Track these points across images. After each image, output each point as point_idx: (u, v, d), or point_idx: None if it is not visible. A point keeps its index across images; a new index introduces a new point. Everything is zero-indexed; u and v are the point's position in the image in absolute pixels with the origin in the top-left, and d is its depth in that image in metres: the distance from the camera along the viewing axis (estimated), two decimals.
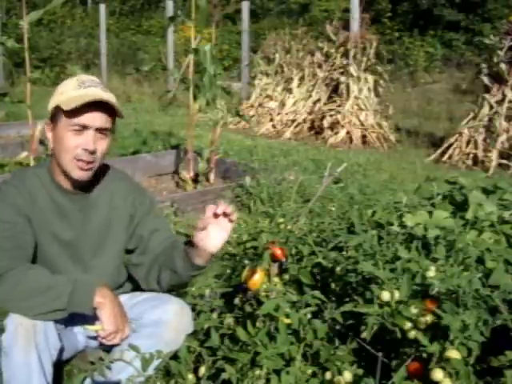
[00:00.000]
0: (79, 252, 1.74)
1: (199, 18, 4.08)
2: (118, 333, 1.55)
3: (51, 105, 1.66)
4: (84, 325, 1.63)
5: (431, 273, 1.43)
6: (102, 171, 1.77)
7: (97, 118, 1.61)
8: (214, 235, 1.55)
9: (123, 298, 1.81)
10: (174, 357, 1.64)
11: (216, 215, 1.52)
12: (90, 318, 1.64)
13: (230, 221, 1.54)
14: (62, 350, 1.66)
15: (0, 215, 1.63)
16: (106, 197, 1.77)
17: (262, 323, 1.65)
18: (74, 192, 1.71)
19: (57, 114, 1.63)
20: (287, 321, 1.63)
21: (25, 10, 3.89)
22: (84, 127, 1.60)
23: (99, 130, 1.62)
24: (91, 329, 1.56)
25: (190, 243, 1.63)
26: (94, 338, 1.62)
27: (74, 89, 1.63)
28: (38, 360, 1.48)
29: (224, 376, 1.51)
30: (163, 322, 1.68)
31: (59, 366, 1.76)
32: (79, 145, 1.60)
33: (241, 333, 1.61)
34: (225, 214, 1.52)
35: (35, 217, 1.67)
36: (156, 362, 1.56)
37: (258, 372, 1.53)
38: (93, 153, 1.61)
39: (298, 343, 1.55)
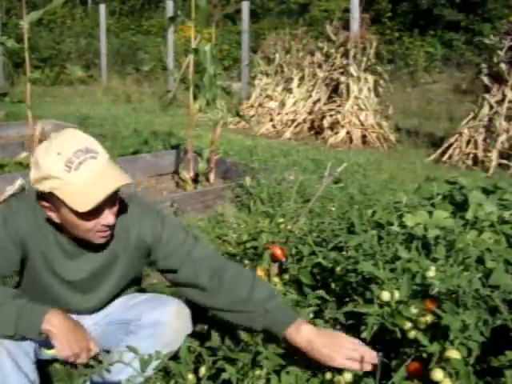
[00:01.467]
0: (79, 284, 1.69)
1: (199, 17, 4.08)
2: (81, 353, 1.46)
3: (40, 186, 1.44)
4: (42, 347, 1.57)
5: (431, 273, 1.43)
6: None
7: (110, 198, 1.46)
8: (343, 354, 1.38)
9: (122, 299, 1.80)
10: (174, 357, 1.64)
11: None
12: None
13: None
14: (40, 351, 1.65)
15: None
16: (115, 237, 1.64)
17: None
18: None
19: (55, 199, 1.45)
20: None
21: (25, 10, 3.89)
22: (98, 209, 1.46)
23: (113, 201, 1.50)
24: (49, 353, 1.50)
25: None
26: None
27: (67, 174, 1.40)
28: (13, 362, 1.48)
29: (224, 376, 1.51)
30: (162, 323, 1.67)
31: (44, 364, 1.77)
32: (97, 223, 1.49)
33: (242, 333, 1.61)
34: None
35: (34, 248, 1.59)
36: (155, 363, 1.56)
37: (258, 372, 1.53)
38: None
39: None
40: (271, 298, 1.53)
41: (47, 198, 1.47)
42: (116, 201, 1.51)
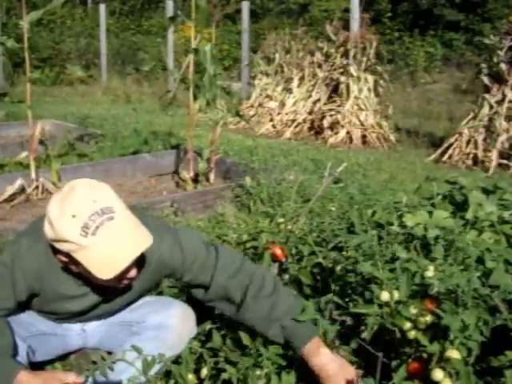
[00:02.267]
0: (93, 305, 1.67)
1: (199, 17, 4.07)
2: None
3: (56, 245, 1.37)
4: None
5: (429, 272, 1.43)
6: None
7: (134, 262, 1.39)
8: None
9: None
10: (176, 359, 1.64)
11: None
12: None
13: None
14: (33, 352, 1.68)
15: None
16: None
17: None
18: None
19: (74, 258, 1.37)
20: None
21: (25, 10, 3.88)
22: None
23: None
24: None
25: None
26: None
27: (85, 239, 1.32)
28: None
29: (224, 376, 1.51)
30: (166, 326, 1.67)
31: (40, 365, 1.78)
32: (120, 278, 1.42)
33: (243, 336, 1.61)
34: None
35: (45, 286, 1.55)
36: (158, 366, 1.56)
37: (258, 372, 1.53)
38: None
39: None
40: (289, 313, 1.53)
41: (64, 254, 1.40)
42: (138, 258, 1.41)
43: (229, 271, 1.60)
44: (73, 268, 1.45)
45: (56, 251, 1.42)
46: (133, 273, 1.43)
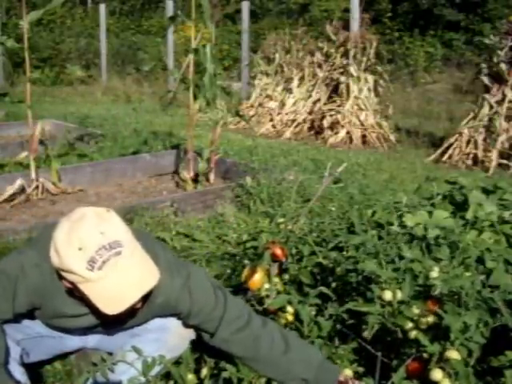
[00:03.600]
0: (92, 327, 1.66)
1: (204, 17, 4.06)
2: None
3: (63, 274, 1.37)
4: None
5: (434, 273, 1.43)
6: None
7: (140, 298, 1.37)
8: None
9: None
10: (177, 360, 1.64)
11: None
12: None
13: None
14: (28, 354, 1.68)
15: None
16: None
17: None
18: None
19: (79, 289, 1.36)
20: (290, 318, 1.64)
21: (25, 10, 3.88)
22: None
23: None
24: None
25: None
26: None
27: (91, 273, 1.31)
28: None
29: (225, 375, 1.51)
30: (168, 329, 1.66)
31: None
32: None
33: None
34: None
35: (45, 303, 1.54)
36: (158, 368, 1.55)
37: None
38: None
39: None
40: (307, 367, 1.50)
41: (70, 282, 1.38)
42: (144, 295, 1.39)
43: (234, 326, 1.56)
44: (77, 294, 1.43)
45: (61, 277, 1.40)
46: (138, 305, 1.42)
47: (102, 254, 1.31)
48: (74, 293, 1.43)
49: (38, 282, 1.48)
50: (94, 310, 1.45)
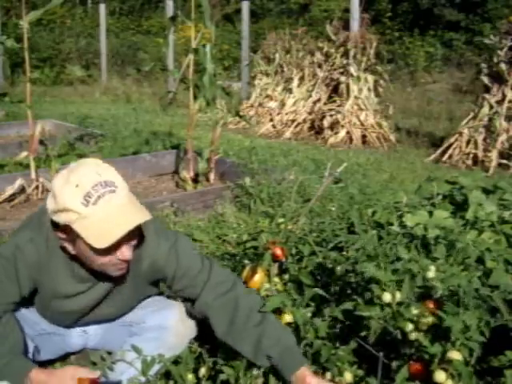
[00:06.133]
0: (89, 307, 1.67)
1: (204, 17, 4.06)
2: None
3: (56, 218, 1.41)
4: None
5: (431, 273, 1.43)
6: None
7: (130, 234, 1.41)
8: None
9: None
10: (176, 359, 1.64)
11: None
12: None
13: None
14: (38, 351, 1.69)
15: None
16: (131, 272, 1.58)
17: None
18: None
19: (70, 232, 1.41)
20: (288, 319, 1.63)
21: (24, 10, 3.88)
22: (115, 245, 1.41)
23: (131, 236, 1.44)
24: None
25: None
26: None
27: (85, 208, 1.35)
28: None
29: (222, 377, 1.51)
30: (167, 328, 1.67)
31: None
32: (113, 258, 1.44)
33: None
34: None
35: (44, 280, 1.57)
36: (157, 367, 1.56)
37: (255, 372, 1.53)
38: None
39: (298, 342, 1.55)
40: (277, 345, 1.51)
41: (63, 229, 1.42)
42: (135, 236, 1.45)
43: (217, 291, 1.59)
44: (70, 249, 1.47)
45: (55, 226, 1.44)
46: (127, 253, 1.44)
47: (98, 189, 1.36)
48: (67, 249, 1.47)
49: (34, 255, 1.51)
50: (89, 281, 1.53)
